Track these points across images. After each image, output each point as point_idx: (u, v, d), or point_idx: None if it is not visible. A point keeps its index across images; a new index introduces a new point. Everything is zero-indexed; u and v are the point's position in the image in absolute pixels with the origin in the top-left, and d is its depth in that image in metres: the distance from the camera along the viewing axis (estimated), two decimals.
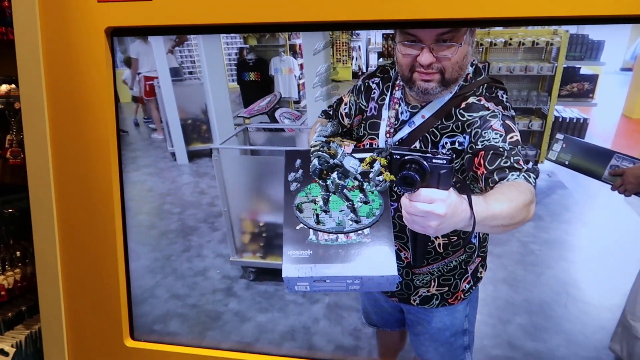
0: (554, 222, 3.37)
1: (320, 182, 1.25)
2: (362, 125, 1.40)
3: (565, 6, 1.00)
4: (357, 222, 1.22)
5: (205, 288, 2.87)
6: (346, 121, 1.46)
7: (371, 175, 1.25)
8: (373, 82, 1.40)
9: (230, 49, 5.38)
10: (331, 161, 1.21)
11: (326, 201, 1.27)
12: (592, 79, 3.86)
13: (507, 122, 1.18)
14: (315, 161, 1.22)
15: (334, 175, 1.22)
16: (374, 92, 1.39)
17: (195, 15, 1.18)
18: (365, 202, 1.26)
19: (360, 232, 1.21)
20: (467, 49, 1.19)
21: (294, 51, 5.32)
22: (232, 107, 3.70)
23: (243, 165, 2.79)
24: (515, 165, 1.09)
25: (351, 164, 1.21)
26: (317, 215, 1.24)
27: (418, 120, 1.28)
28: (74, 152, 1.35)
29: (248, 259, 2.90)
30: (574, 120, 3.87)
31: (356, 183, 1.26)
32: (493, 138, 1.14)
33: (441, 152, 0.91)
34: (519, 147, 1.15)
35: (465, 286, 1.45)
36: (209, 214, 3.65)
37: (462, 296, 1.46)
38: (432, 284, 1.43)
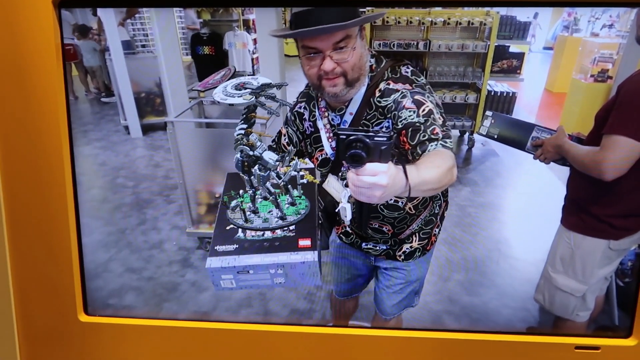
0: (487, 187, 3.49)
1: (244, 176, 1.28)
2: (308, 143, 1.46)
3: None
4: (282, 218, 1.27)
5: (161, 260, 2.77)
6: (289, 148, 1.54)
7: (292, 172, 1.33)
8: (300, 108, 1.45)
9: (183, 23, 5.15)
10: (250, 153, 1.25)
11: (253, 199, 1.31)
12: (520, 56, 4.02)
13: (416, 97, 1.23)
14: (237, 155, 1.25)
15: (256, 167, 1.26)
16: (304, 115, 1.45)
17: None
18: (292, 204, 1.31)
19: (285, 228, 1.25)
20: (360, 51, 1.25)
21: (248, 26, 5.19)
22: (186, 81, 3.53)
23: (198, 138, 2.69)
24: (432, 136, 1.17)
25: (269, 156, 1.26)
26: (245, 212, 1.27)
27: (348, 118, 1.34)
28: (22, 126, 1.23)
29: (204, 230, 2.83)
30: (504, 94, 4.03)
31: (281, 182, 1.31)
32: (409, 116, 1.21)
33: (381, 130, 0.95)
34: (432, 115, 1.21)
35: (436, 231, 1.56)
36: (164, 187, 3.51)
37: (435, 240, 1.58)
38: (414, 238, 1.52)
